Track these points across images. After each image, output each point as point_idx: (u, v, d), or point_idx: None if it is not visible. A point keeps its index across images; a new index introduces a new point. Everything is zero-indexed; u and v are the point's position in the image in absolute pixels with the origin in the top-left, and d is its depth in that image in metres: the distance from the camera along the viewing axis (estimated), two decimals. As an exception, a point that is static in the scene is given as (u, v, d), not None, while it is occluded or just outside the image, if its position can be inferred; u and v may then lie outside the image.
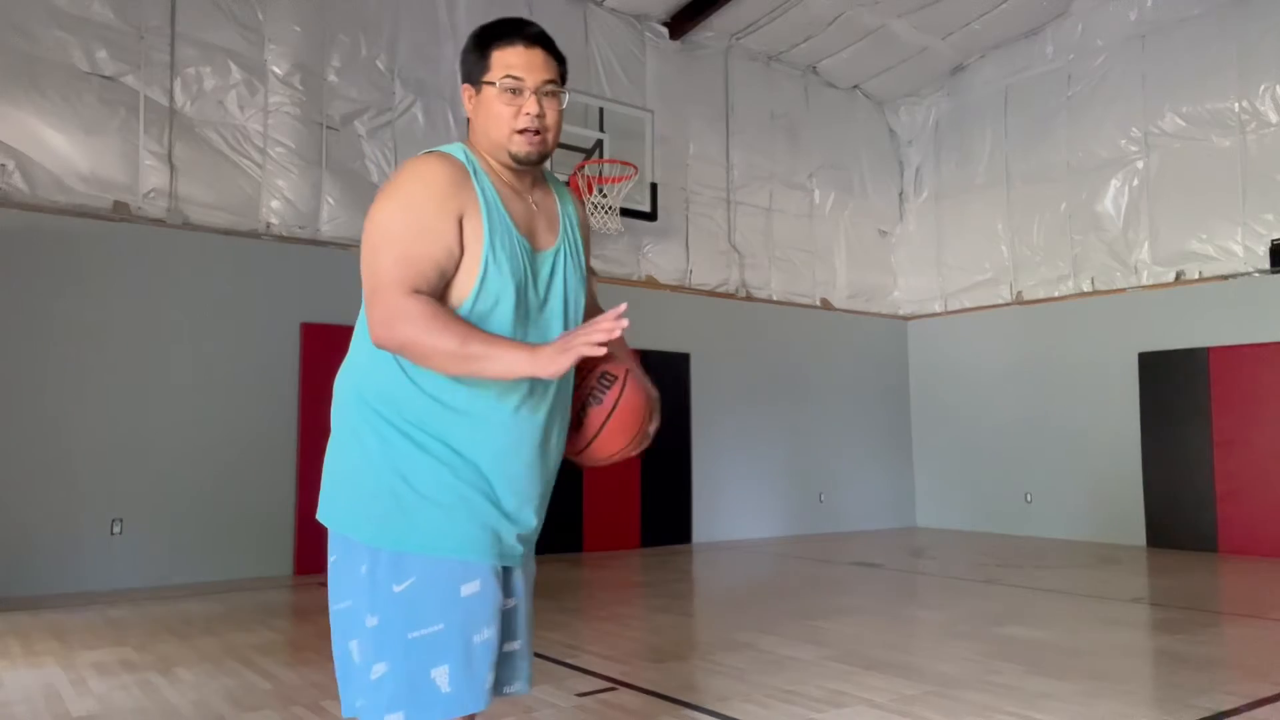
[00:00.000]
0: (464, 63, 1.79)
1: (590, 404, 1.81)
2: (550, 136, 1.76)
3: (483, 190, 1.71)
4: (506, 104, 1.72)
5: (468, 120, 1.81)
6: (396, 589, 1.65)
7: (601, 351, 1.55)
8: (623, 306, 1.58)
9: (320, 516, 1.77)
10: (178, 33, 7.31)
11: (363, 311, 1.73)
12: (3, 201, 6.54)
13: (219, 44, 7.48)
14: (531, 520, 1.79)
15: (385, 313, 1.60)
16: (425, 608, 1.65)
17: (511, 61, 1.72)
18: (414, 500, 1.66)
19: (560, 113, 1.77)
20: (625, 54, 9.75)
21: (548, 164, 1.92)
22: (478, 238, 1.68)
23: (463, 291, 1.68)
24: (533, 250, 1.77)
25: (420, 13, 8.54)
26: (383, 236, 1.64)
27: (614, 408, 1.78)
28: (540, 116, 1.73)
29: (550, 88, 1.75)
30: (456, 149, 1.76)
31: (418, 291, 1.61)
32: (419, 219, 1.64)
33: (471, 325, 1.61)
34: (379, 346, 1.64)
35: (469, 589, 1.67)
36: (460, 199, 1.68)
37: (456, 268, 1.67)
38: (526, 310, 1.74)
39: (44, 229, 6.65)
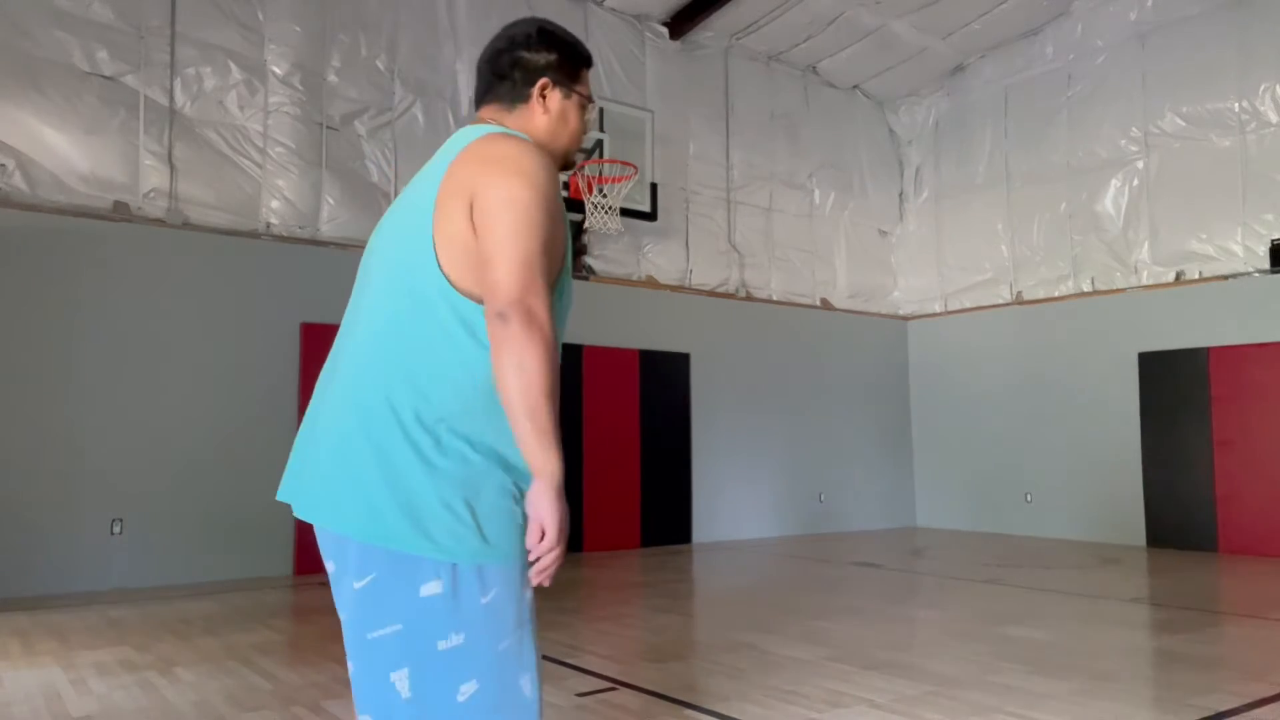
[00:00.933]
0: (545, 55, 1.81)
1: None
2: None
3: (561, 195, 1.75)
4: (581, 120, 1.86)
5: (514, 109, 1.80)
6: (483, 601, 1.58)
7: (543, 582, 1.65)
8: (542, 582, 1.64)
9: (359, 534, 1.58)
10: (178, 33, 7.31)
11: (412, 311, 1.62)
12: (3, 201, 6.54)
13: (219, 44, 7.48)
14: None
15: (528, 291, 1.53)
16: (506, 617, 1.61)
17: (590, 85, 1.91)
18: (486, 510, 1.60)
19: None
20: (625, 54, 9.74)
21: None
22: (564, 241, 1.70)
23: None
24: None
25: (420, 13, 8.54)
26: (527, 219, 1.57)
27: None
28: None
29: None
30: (533, 141, 1.77)
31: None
32: (554, 213, 1.62)
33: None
34: (494, 316, 1.53)
35: (529, 593, 1.65)
36: (562, 201, 1.71)
37: None
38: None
39: (44, 229, 6.65)
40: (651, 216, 9.33)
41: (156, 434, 6.94)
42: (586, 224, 8.66)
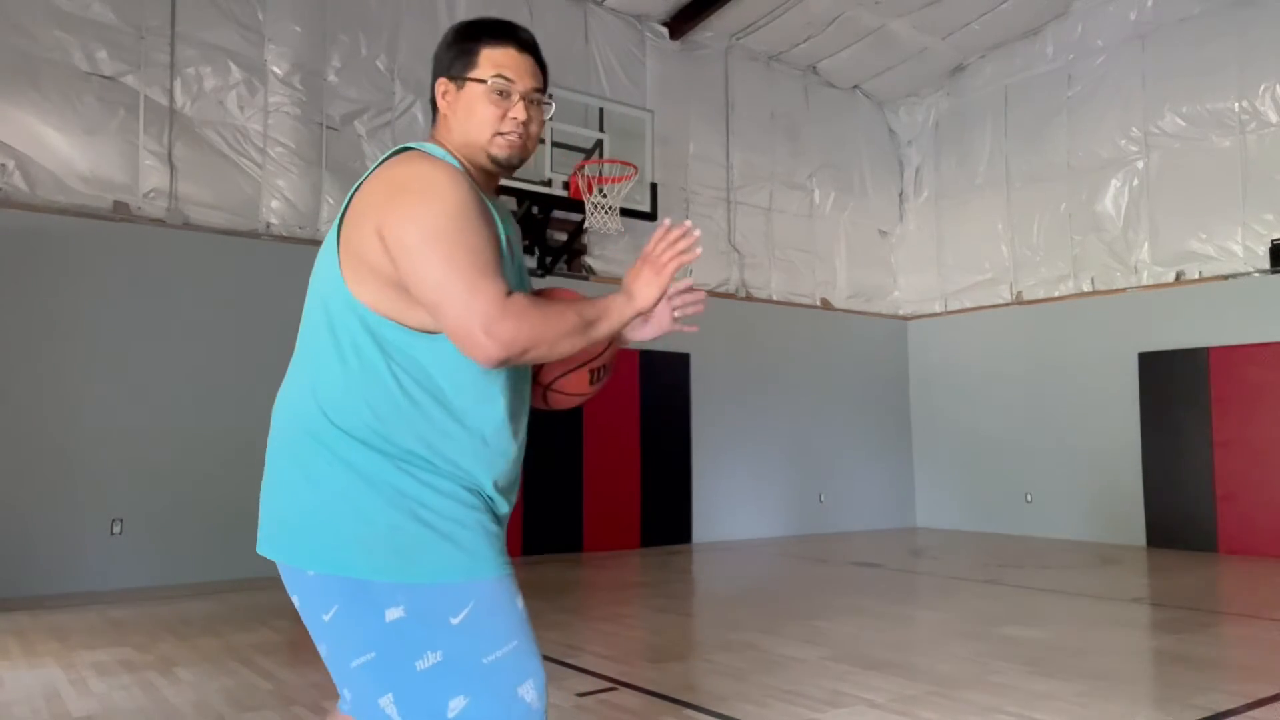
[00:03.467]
0: (443, 56, 1.70)
1: None
2: (531, 144, 1.70)
3: (481, 197, 1.62)
4: (493, 104, 1.65)
5: (435, 116, 1.72)
6: (454, 620, 1.52)
7: (693, 256, 1.68)
8: (685, 225, 1.66)
9: (305, 564, 1.54)
10: (178, 33, 7.30)
11: (327, 332, 1.58)
12: (3, 201, 6.54)
13: (219, 44, 7.47)
14: (507, 509, 1.71)
15: (484, 318, 1.45)
16: (493, 630, 1.55)
17: (503, 62, 1.66)
18: (444, 526, 1.54)
19: (543, 123, 1.73)
20: (625, 54, 9.74)
21: None
22: (497, 234, 1.61)
23: None
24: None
25: (420, 13, 8.54)
26: (444, 240, 1.47)
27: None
28: (526, 123, 1.67)
29: (537, 96, 1.70)
30: (440, 152, 1.63)
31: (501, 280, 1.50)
32: (468, 216, 1.51)
33: (558, 297, 1.58)
34: (488, 360, 1.47)
35: (520, 601, 1.61)
36: (481, 203, 1.58)
37: None
38: None
39: (44, 229, 6.65)
40: (651, 216, 9.31)
41: (156, 434, 6.94)
42: (586, 224, 8.65)
